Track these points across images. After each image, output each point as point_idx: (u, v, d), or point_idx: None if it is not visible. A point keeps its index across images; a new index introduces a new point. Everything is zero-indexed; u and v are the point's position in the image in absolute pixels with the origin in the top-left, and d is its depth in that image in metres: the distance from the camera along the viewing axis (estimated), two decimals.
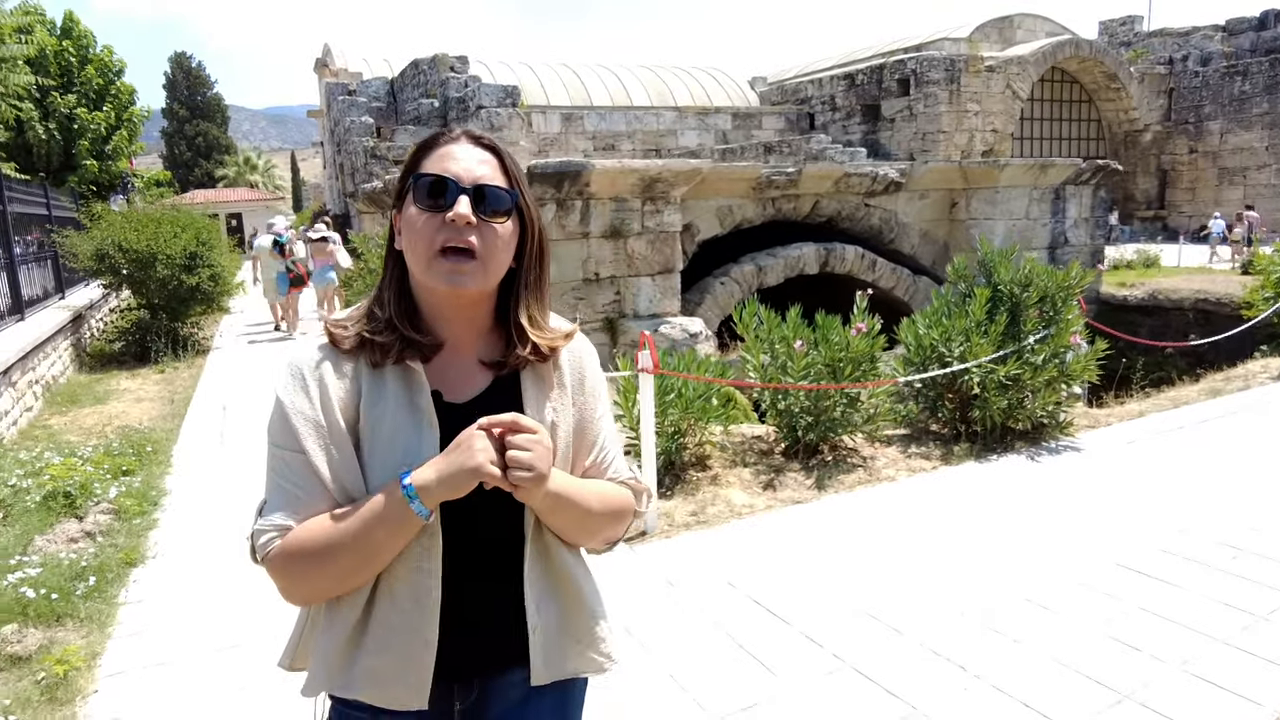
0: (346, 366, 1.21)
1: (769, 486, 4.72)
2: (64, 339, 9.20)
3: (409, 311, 1.24)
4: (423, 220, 1.18)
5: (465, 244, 1.17)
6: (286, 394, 1.19)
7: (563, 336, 1.31)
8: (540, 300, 1.31)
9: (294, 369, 1.21)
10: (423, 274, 1.19)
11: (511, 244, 1.24)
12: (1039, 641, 3.09)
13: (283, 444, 1.18)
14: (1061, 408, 5.65)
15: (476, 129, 1.30)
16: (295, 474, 1.17)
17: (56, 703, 2.87)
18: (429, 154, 1.23)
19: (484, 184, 1.19)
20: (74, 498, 4.69)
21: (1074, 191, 15.41)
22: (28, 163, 15.16)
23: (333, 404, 1.18)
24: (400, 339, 1.20)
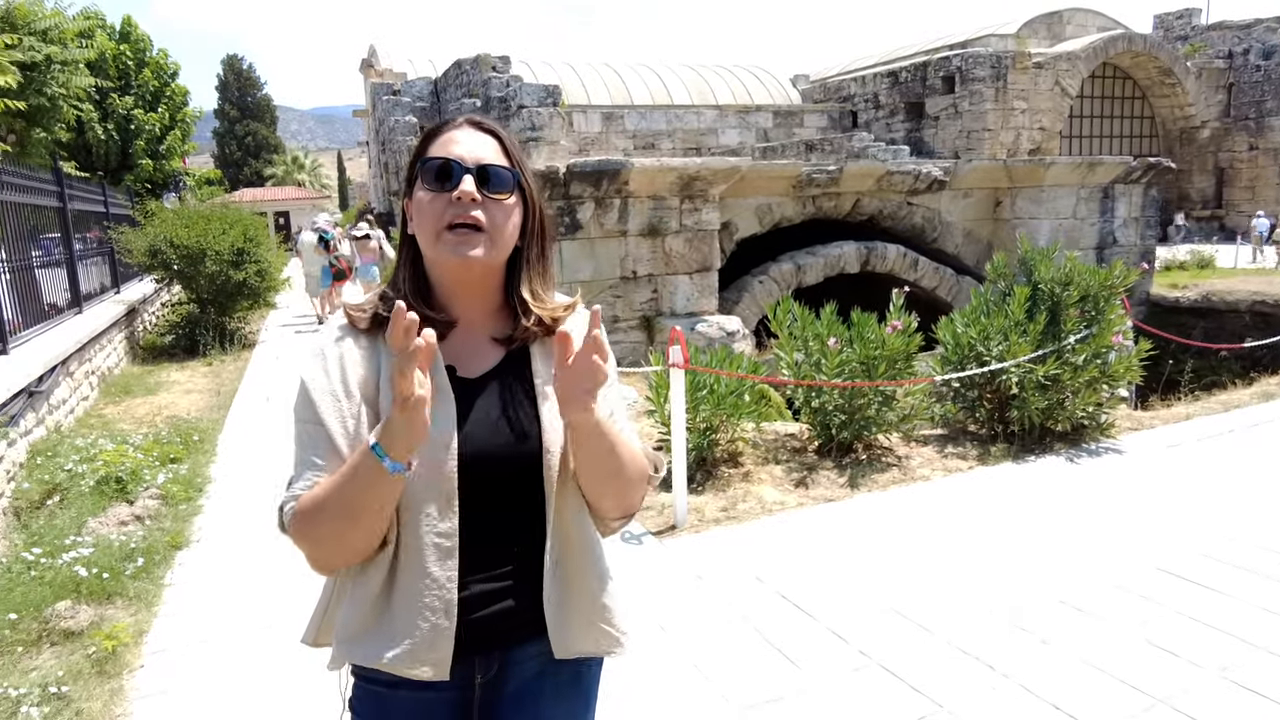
0: (365, 344, 1.27)
1: (801, 484, 4.70)
2: (118, 332, 9.52)
3: (423, 291, 1.30)
4: (430, 200, 1.24)
5: (471, 219, 1.22)
6: (308, 371, 1.26)
7: (565, 308, 1.36)
8: (543, 275, 1.36)
9: (316, 349, 1.28)
10: (432, 250, 1.25)
11: (516, 220, 1.29)
12: (1070, 643, 3.04)
13: (305, 418, 1.25)
14: (1103, 409, 5.53)
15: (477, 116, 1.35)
16: (315, 445, 1.23)
17: (105, 676, 2.99)
18: (434, 140, 1.29)
19: (486, 164, 1.25)
20: (125, 483, 4.86)
21: (1124, 190, 15.03)
22: (87, 162, 15.71)
23: (351, 380, 1.24)
24: None
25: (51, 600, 3.42)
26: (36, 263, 7.48)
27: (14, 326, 6.35)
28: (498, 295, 1.34)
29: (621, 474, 1.30)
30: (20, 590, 3.47)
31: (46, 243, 8.23)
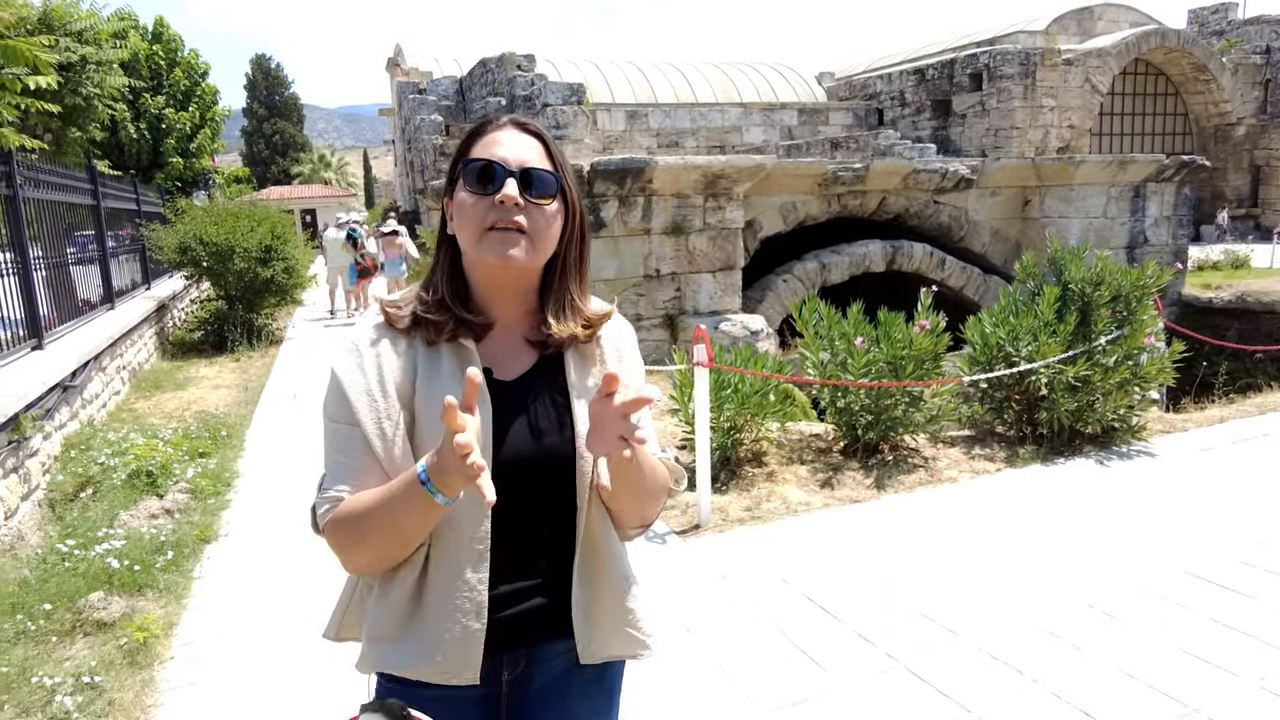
0: (402, 344, 1.26)
1: (826, 485, 4.67)
2: (149, 328, 9.67)
3: (460, 293, 1.29)
4: (472, 202, 1.23)
5: (513, 224, 1.22)
6: (343, 369, 1.24)
7: (602, 316, 1.35)
8: (581, 281, 1.36)
9: (350, 346, 1.26)
10: (473, 250, 1.24)
11: (557, 226, 1.28)
12: (1102, 649, 2.99)
13: (338, 418, 1.24)
14: (1134, 411, 5.44)
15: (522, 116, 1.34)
16: (350, 447, 1.22)
17: (136, 666, 3.03)
18: (477, 141, 1.28)
19: (530, 167, 1.24)
20: (155, 477, 4.94)
21: (1155, 189, 14.78)
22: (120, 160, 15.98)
23: (388, 379, 1.23)
24: (453, 318, 1.26)
25: (85, 591, 3.48)
26: (71, 259, 7.61)
27: (49, 322, 6.47)
28: (534, 298, 1.33)
29: (645, 491, 1.30)
30: (55, 581, 3.53)
31: (80, 240, 8.37)
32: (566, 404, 1.30)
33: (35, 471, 4.77)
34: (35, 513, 4.60)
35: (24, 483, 4.56)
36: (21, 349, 5.78)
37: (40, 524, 4.48)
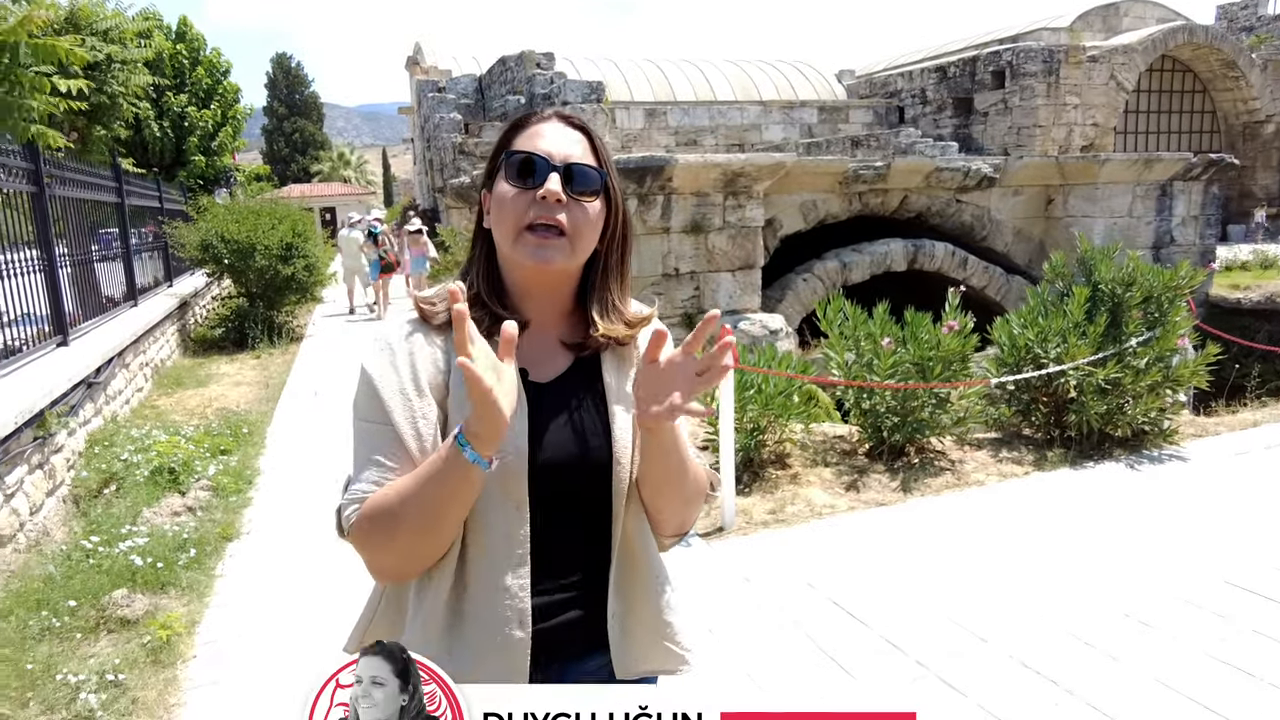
0: (437, 341, 1.22)
1: (851, 487, 4.61)
2: (171, 324, 9.73)
3: (496, 289, 1.25)
4: (512, 196, 1.18)
5: (554, 221, 1.17)
6: (374, 366, 1.19)
7: (642, 320, 1.31)
8: (621, 283, 1.31)
9: (382, 342, 1.22)
10: (510, 249, 1.20)
11: (598, 224, 1.23)
12: (1138, 660, 2.92)
13: (370, 416, 1.18)
14: (1165, 414, 5.33)
15: (566, 110, 1.29)
16: (382, 445, 1.17)
17: (160, 665, 3.03)
18: (520, 133, 1.23)
19: (574, 162, 1.19)
20: (177, 474, 4.95)
21: (1182, 188, 14.55)
22: (143, 158, 16.14)
23: (421, 377, 1.19)
24: (488, 314, 1.21)
25: (109, 588, 3.48)
26: (95, 257, 7.67)
27: (74, 319, 6.52)
28: (571, 299, 1.29)
29: (685, 489, 1.26)
30: (80, 578, 3.54)
31: (104, 237, 8.44)
32: (604, 408, 1.25)
33: (60, 467, 4.79)
34: (60, 508, 4.63)
35: (49, 479, 4.59)
36: (47, 345, 5.83)
37: (65, 520, 4.51)
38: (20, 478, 4.18)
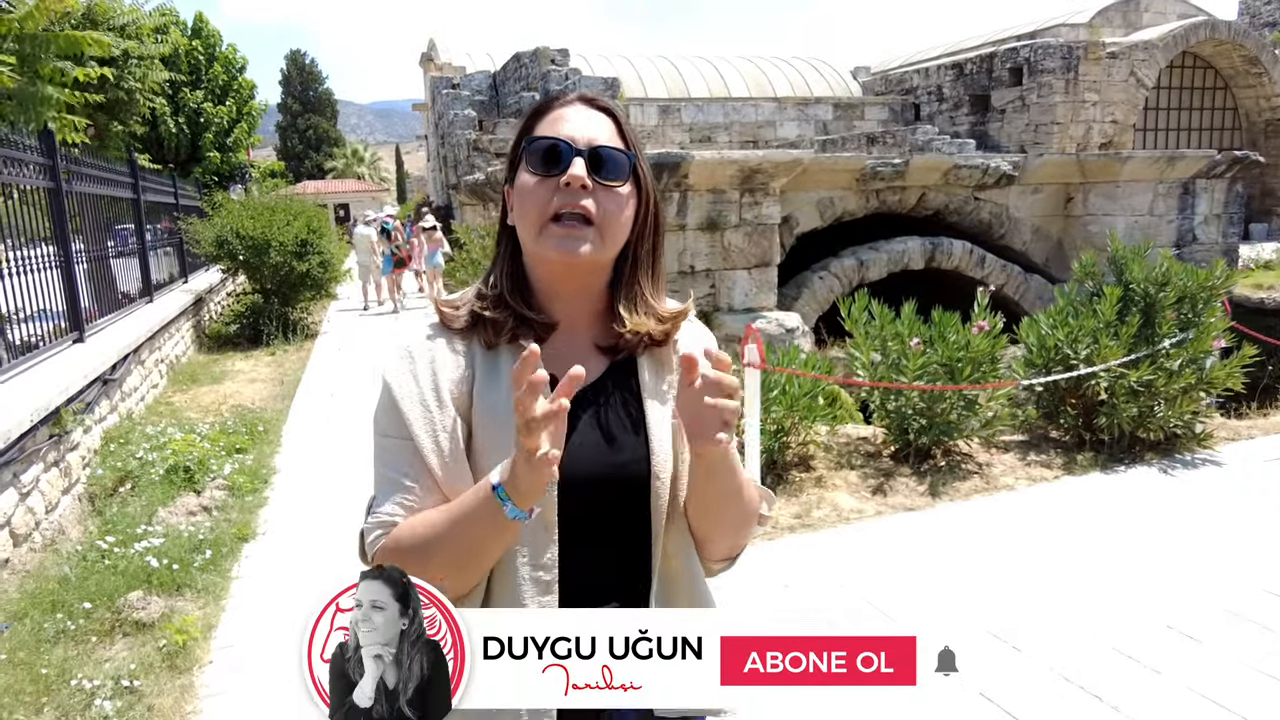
0: (459, 347, 1.14)
1: (878, 491, 4.50)
2: (186, 321, 9.72)
3: (521, 288, 1.15)
4: (535, 186, 1.09)
5: (580, 209, 1.07)
6: (395, 378, 1.12)
7: (676, 315, 1.20)
8: (654, 276, 1.21)
9: (403, 351, 1.14)
10: (534, 243, 1.10)
11: (629, 212, 1.13)
12: (1184, 674, 2.81)
13: (390, 431, 1.11)
14: (1199, 417, 5.20)
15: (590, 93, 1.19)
16: (403, 463, 1.09)
17: (176, 670, 2.96)
18: (542, 118, 1.14)
19: (600, 146, 1.09)
20: (193, 473, 4.90)
21: (1205, 186, 14.34)
22: (159, 154, 16.16)
23: (443, 387, 1.10)
24: (514, 316, 1.13)
25: (124, 590, 3.43)
26: (111, 253, 7.65)
27: (90, 315, 6.49)
28: (603, 296, 1.18)
29: (738, 513, 1.16)
30: (95, 579, 3.49)
31: (120, 233, 8.42)
32: (641, 416, 1.15)
33: (75, 465, 4.75)
34: (75, 507, 4.58)
35: (65, 476, 4.55)
36: (63, 342, 5.80)
37: (80, 518, 4.46)
38: (36, 476, 4.14)
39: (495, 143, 16.93)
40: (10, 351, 5.03)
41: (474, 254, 10.79)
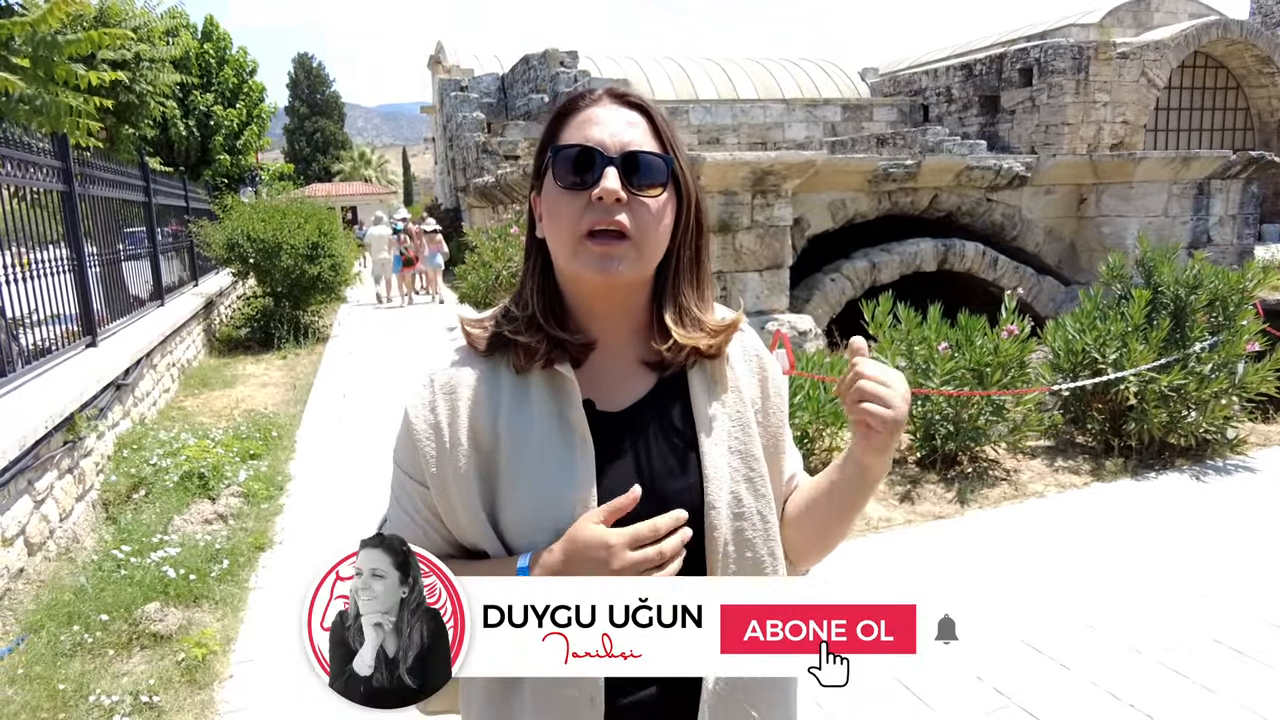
0: (485, 374, 1.04)
1: (905, 499, 4.41)
2: (197, 324, 9.67)
3: (554, 307, 1.06)
4: (565, 200, 0.99)
5: (615, 225, 0.97)
6: (415, 413, 1.03)
7: (726, 327, 1.10)
8: (699, 285, 1.11)
9: (426, 380, 1.05)
10: (568, 262, 1.01)
11: (668, 219, 1.03)
12: (1237, 691, 2.72)
13: (406, 467, 1.05)
14: (1231, 423, 5.10)
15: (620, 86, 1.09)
16: (414, 505, 1.05)
17: (195, 685, 2.89)
18: (569, 120, 1.03)
19: (634, 150, 0.99)
20: (207, 479, 4.83)
21: (1220, 186, 14.22)
22: (169, 157, 16.13)
23: (462, 429, 1.01)
24: (547, 339, 1.03)
25: (141, 601, 3.36)
26: (123, 256, 7.60)
27: (102, 319, 6.43)
28: (646, 311, 1.08)
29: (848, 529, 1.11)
30: (111, 590, 3.42)
31: (132, 236, 8.38)
32: (692, 439, 1.05)
33: (89, 471, 4.69)
34: (89, 514, 4.52)
35: (79, 483, 4.49)
36: (76, 346, 5.74)
37: (94, 526, 4.40)
38: (50, 483, 4.08)
39: (504, 145, 16.88)
40: (24, 357, 4.98)
41: (485, 256, 10.74)
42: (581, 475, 0.99)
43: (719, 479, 1.04)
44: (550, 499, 0.99)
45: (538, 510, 0.99)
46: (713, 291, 1.15)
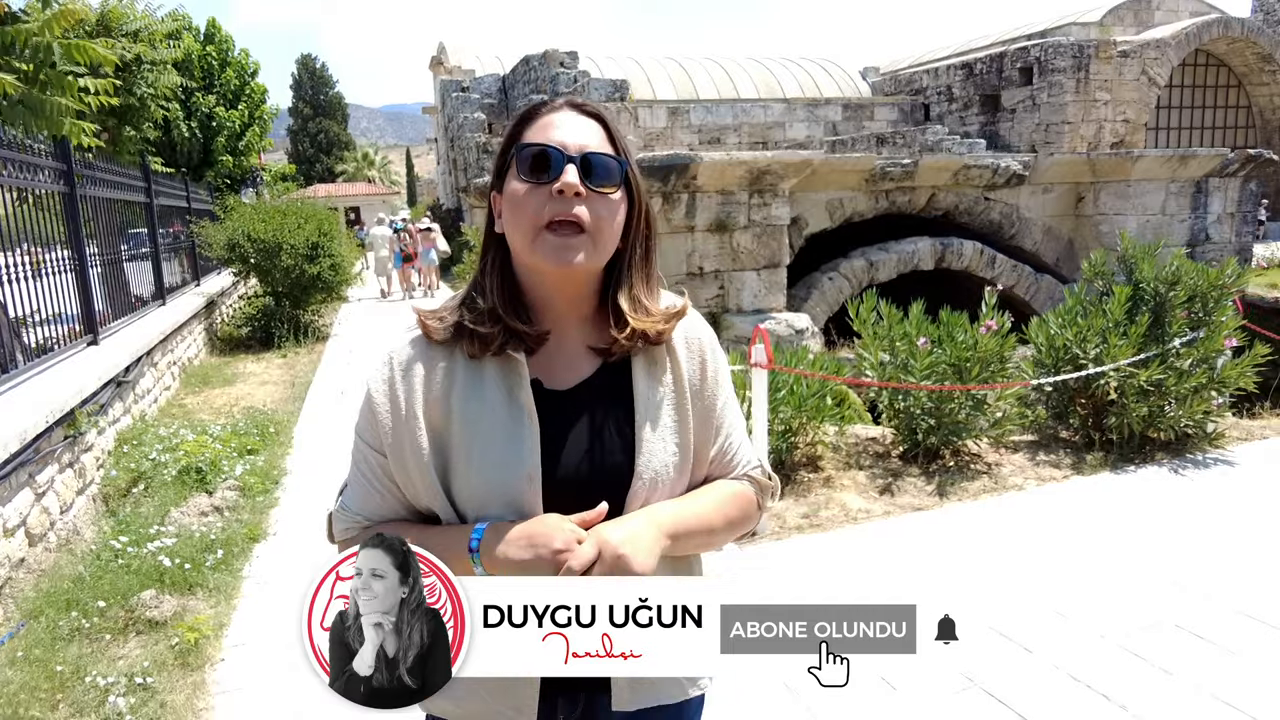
0: (440, 359, 1.15)
1: (886, 491, 4.50)
2: (198, 323, 9.80)
3: (513, 300, 1.16)
4: (526, 193, 1.09)
5: (573, 217, 1.08)
6: (375, 388, 1.16)
7: (671, 316, 1.20)
8: (647, 279, 1.22)
9: (385, 359, 1.17)
10: (527, 253, 1.11)
11: (620, 217, 1.14)
12: (1195, 674, 2.80)
13: (366, 438, 1.18)
14: (1210, 417, 5.17)
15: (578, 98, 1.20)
16: (373, 472, 1.17)
17: (188, 668, 3.00)
18: (530, 124, 1.14)
19: (591, 152, 1.10)
20: (204, 474, 4.94)
21: (1218, 185, 14.24)
22: (171, 158, 16.26)
23: (417, 401, 1.13)
24: (503, 330, 1.13)
25: (137, 589, 3.47)
26: (124, 256, 7.72)
27: (104, 318, 6.55)
28: (594, 299, 1.19)
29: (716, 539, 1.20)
30: (109, 578, 3.53)
31: (133, 237, 8.50)
32: (629, 418, 1.16)
33: (90, 466, 4.80)
34: (90, 507, 4.63)
35: (79, 477, 4.60)
36: (78, 345, 5.86)
37: (94, 519, 4.51)
38: (51, 476, 4.19)
39: None
40: (26, 354, 5.10)
41: None
42: (528, 448, 1.10)
43: (651, 455, 1.15)
44: (499, 470, 1.10)
45: (487, 482, 1.10)
46: (658, 283, 1.26)
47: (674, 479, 1.17)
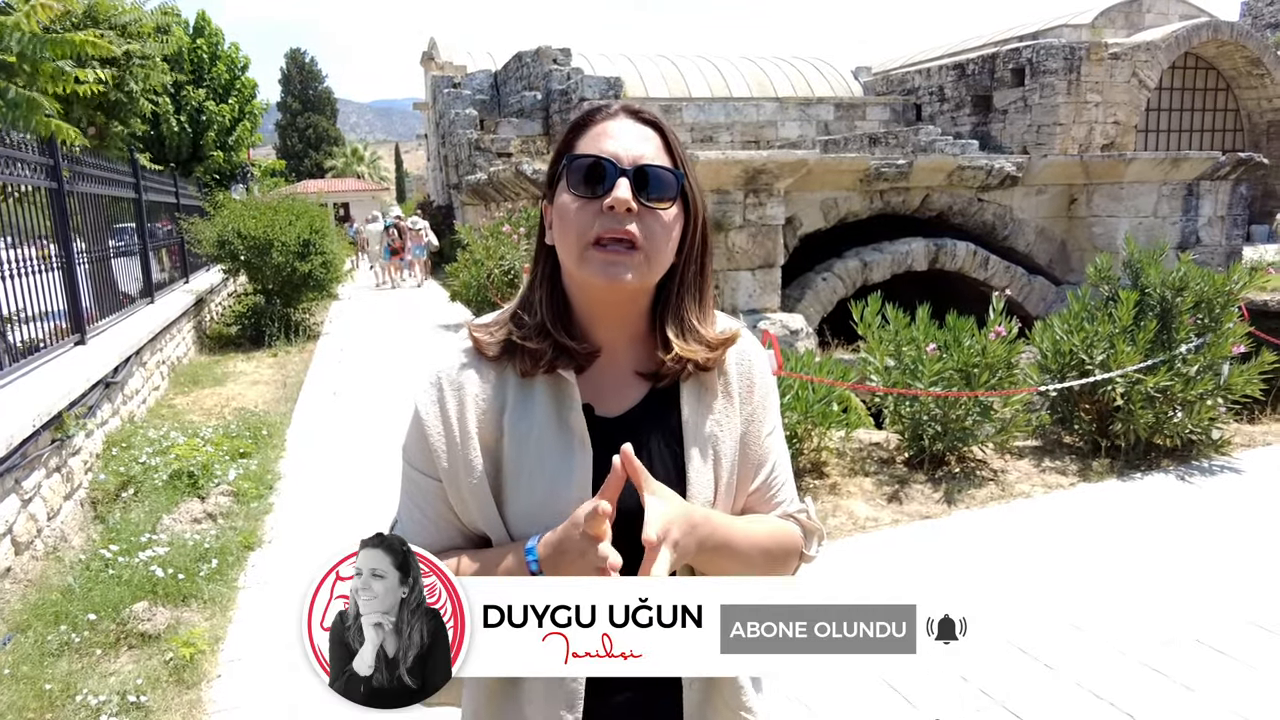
0: (491, 376, 1.09)
1: (893, 499, 4.44)
2: (187, 322, 9.64)
3: (562, 314, 1.10)
4: (577, 207, 1.03)
5: (624, 234, 1.01)
6: (425, 409, 1.08)
7: (725, 341, 1.14)
8: (701, 300, 1.14)
9: (434, 378, 1.09)
10: (576, 267, 1.05)
11: (675, 233, 1.07)
12: (1218, 691, 2.75)
13: (418, 465, 1.10)
14: (1216, 424, 5.14)
15: (636, 104, 1.12)
16: (428, 502, 1.09)
17: (184, 685, 2.89)
18: (583, 133, 1.08)
19: (646, 164, 1.03)
20: (196, 478, 4.83)
21: (1210, 187, 14.30)
22: (160, 153, 16.02)
23: (470, 420, 1.06)
24: (553, 345, 1.07)
25: (129, 601, 3.36)
26: (112, 253, 7.57)
27: (91, 317, 6.41)
28: (645, 320, 1.12)
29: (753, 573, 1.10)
30: (99, 590, 3.42)
31: (122, 233, 8.35)
32: (679, 447, 1.10)
33: (78, 470, 4.68)
34: (77, 513, 4.51)
35: (67, 482, 4.47)
36: (65, 344, 5.72)
37: (82, 525, 4.39)
38: (38, 482, 4.07)
39: (496, 142, 16.84)
40: (11, 354, 4.96)
41: (477, 254, 10.73)
42: (579, 476, 1.04)
43: (699, 485, 1.09)
44: (550, 497, 1.04)
45: (539, 507, 1.04)
46: (713, 306, 1.19)
47: (722, 510, 1.12)
